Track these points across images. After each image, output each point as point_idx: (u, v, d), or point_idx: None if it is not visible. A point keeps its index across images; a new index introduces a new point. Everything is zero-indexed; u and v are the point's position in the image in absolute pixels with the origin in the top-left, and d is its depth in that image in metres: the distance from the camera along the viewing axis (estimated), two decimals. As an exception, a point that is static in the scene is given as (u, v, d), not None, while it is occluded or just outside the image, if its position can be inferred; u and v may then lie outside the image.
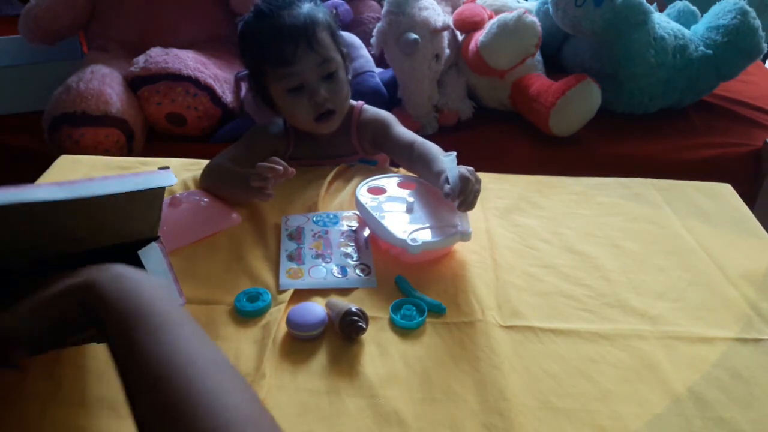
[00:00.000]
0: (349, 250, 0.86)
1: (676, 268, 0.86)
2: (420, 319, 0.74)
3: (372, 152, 1.12)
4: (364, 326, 0.71)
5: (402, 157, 1.04)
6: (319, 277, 0.81)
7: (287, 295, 0.77)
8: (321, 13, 1.01)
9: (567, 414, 0.64)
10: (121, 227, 0.62)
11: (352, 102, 1.10)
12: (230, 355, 0.70)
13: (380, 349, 0.71)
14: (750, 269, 0.86)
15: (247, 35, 1.02)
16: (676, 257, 0.89)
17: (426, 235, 0.82)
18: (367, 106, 1.12)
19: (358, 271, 0.82)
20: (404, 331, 0.73)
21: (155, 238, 0.64)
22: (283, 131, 1.09)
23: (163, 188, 0.61)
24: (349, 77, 1.06)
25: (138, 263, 0.61)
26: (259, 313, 0.75)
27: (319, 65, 0.99)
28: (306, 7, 0.99)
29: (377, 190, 0.93)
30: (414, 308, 0.75)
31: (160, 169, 0.64)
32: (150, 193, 0.60)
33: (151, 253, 0.62)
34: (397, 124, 1.09)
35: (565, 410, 0.64)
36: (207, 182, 0.99)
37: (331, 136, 1.08)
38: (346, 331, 0.71)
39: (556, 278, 0.83)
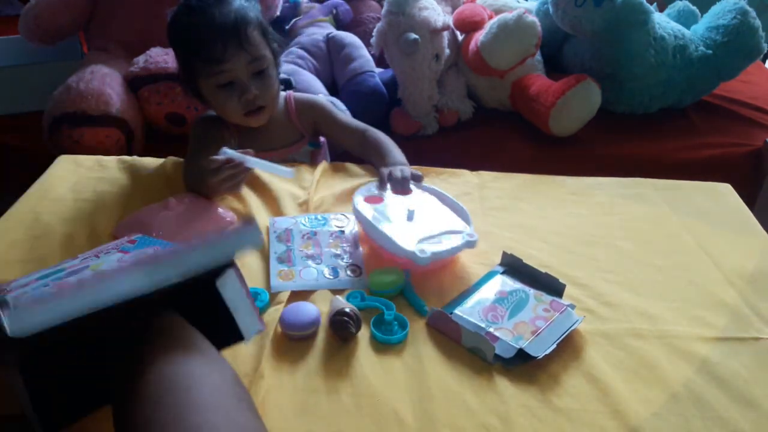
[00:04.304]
0: (339, 251, 0.86)
1: (676, 268, 0.86)
2: (401, 333, 0.72)
3: (315, 137, 1.16)
4: (353, 330, 0.71)
5: (352, 142, 1.10)
6: (310, 278, 0.81)
7: (285, 295, 0.77)
8: (252, 11, 1.01)
9: (567, 414, 0.64)
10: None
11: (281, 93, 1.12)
12: (228, 355, 0.70)
13: (379, 348, 0.71)
14: (749, 269, 0.86)
15: (176, 29, 1.02)
16: (675, 257, 0.88)
17: (433, 246, 0.80)
18: (295, 93, 1.15)
19: (348, 272, 0.82)
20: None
21: (230, 264, 0.57)
22: (226, 122, 1.09)
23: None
24: (279, 72, 1.08)
25: (213, 292, 0.57)
26: (258, 313, 0.75)
27: (249, 63, 1.00)
28: (236, 4, 0.99)
29: (375, 199, 0.91)
30: (396, 323, 0.74)
31: (245, 222, 0.58)
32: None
33: (228, 282, 0.58)
34: (335, 109, 1.15)
35: (565, 410, 0.64)
36: (186, 182, 1.00)
37: (272, 126, 1.09)
38: (334, 330, 0.71)
39: (555, 278, 0.83)
